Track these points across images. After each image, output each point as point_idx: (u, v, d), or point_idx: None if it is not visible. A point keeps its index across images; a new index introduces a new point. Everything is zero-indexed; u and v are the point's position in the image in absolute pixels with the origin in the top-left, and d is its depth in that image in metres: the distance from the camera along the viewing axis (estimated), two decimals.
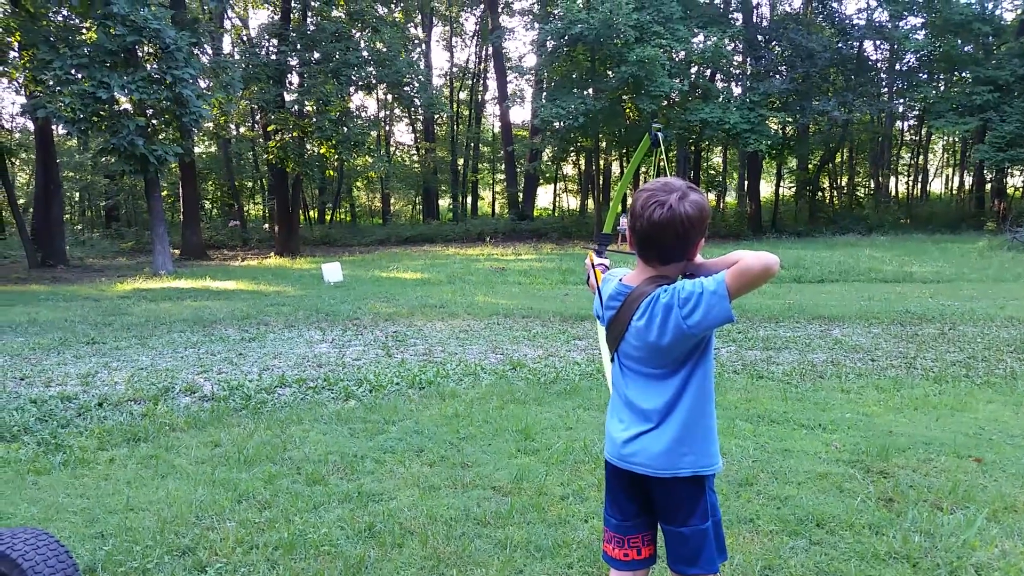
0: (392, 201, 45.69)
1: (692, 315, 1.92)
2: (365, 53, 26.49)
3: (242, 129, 34.14)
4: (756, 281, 1.86)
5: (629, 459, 2.13)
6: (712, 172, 42.68)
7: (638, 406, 2.12)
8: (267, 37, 27.06)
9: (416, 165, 42.09)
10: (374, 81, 28.04)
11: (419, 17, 37.64)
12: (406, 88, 29.35)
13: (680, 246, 2.01)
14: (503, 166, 42.03)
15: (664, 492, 2.11)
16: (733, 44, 29.85)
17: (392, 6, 32.04)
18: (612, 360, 2.21)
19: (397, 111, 41.29)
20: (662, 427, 2.08)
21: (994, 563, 3.10)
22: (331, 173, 32.62)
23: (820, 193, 37.31)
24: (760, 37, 30.87)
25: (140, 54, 18.98)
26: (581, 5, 25.92)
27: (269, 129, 26.72)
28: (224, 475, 4.23)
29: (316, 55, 25.76)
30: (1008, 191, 33.73)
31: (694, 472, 2.08)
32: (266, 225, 36.20)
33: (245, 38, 29.15)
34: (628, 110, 29.01)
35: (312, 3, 26.01)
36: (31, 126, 26.72)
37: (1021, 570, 3.04)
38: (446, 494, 3.91)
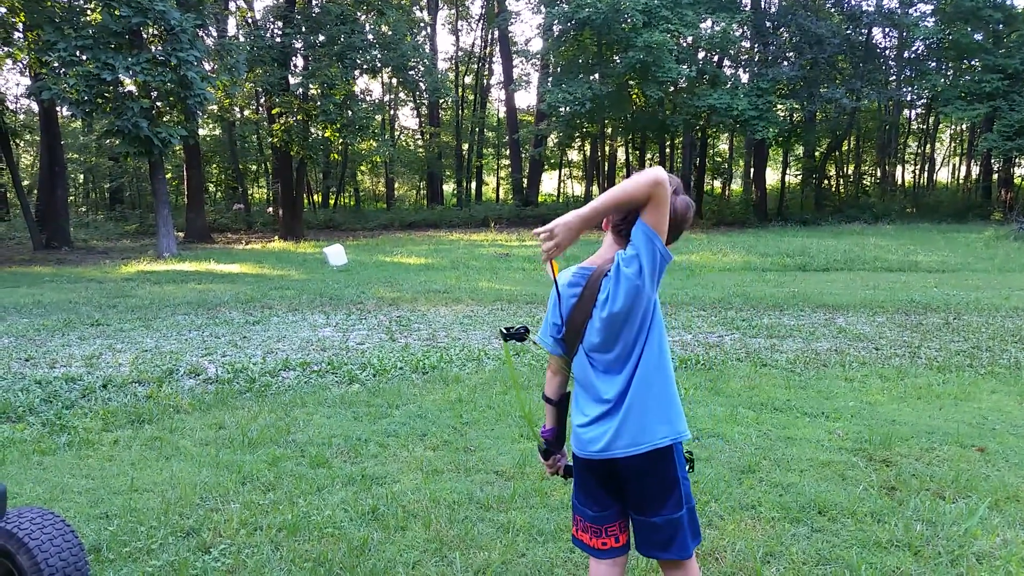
0: (396, 186, 45.58)
1: (632, 262, 1.98)
2: (370, 36, 26.33)
3: (246, 112, 34.01)
4: (649, 200, 1.89)
5: (608, 449, 2.10)
6: (718, 159, 42.50)
7: (607, 395, 2.10)
8: (272, 19, 26.89)
9: (420, 150, 41.94)
10: (379, 65, 27.87)
11: (424, 0, 37.39)
12: (411, 72, 29.18)
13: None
14: (508, 151, 41.89)
15: (638, 481, 2.12)
16: (741, 30, 29.59)
17: None
18: (575, 354, 2.17)
19: (402, 95, 41.13)
20: (634, 406, 2.07)
21: (995, 552, 3.10)
22: (335, 157, 32.52)
23: (826, 181, 37.14)
24: (768, 23, 30.61)
25: (145, 36, 18.90)
26: None
27: (273, 112, 26.61)
28: (228, 457, 4.25)
29: (321, 38, 25.62)
30: (1015, 181, 33.53)
31: (672, 440, 2.10)
32: (270, 208, 36.16)
33: (250, 20, 28.96)
34: (635, 96, 28.83)
35: None
36: (36, 107, 26.68)
37: (1022, 559, 3.04)
38: (449, 478, 3.93)
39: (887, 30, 32.90)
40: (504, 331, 2.27)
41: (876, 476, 3.91)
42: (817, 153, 35.61)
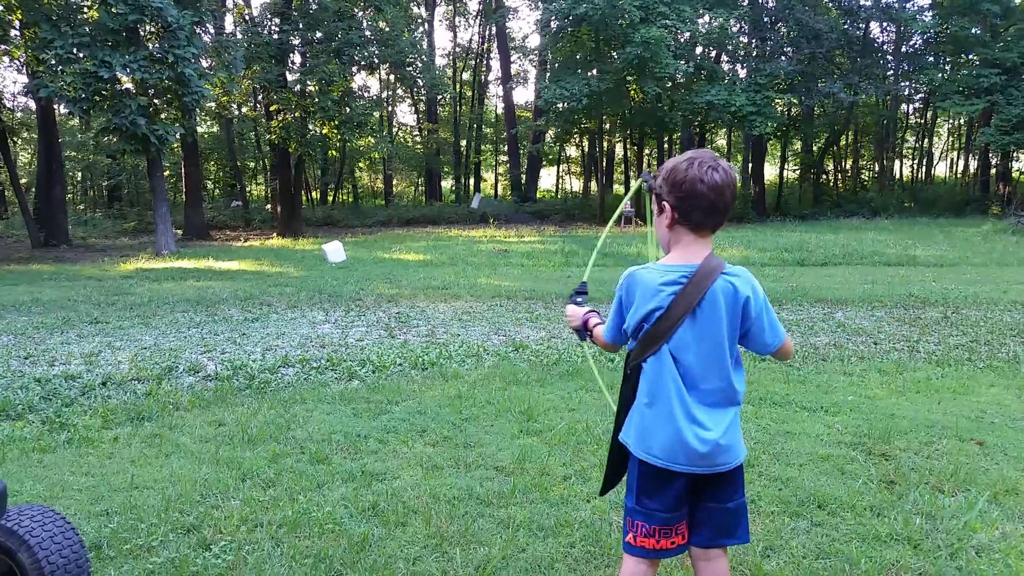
0: (395, 182, 45.53)
1: (763, 333, 2.13)
2: (368, 32, 26.28)
3: (244, 109, 33.94)
4: (783, 358, 2.27)
5: (711, 461, 2.08)
6: (717, 154, 42.42)
7: (710, 403, 2.08)
8: (269, 16, 26.83)
9: (419, 146, 41.90)
10: (376, 61, 27.82)
11: None
12: (409, 68, 29.13)
13: (731, 208, 2.09)
14: (506, 147, 41.85)
15: (723, 477, 2.14)
16: (739, 25, 29.56)
17: None
18: (650, 355, 2.09)
19: (400, 91, 41.05)
20: (734, 419, 2.12)
21: (994, 545, 3.11)
22: (333, 153, 32.47)
23: (824, 176, 37.15)
24: (766, 18, 30.57)
25: (142, 33, 18.85)
26: None
27: (271, 109, 26.57)
28: (228, 454, 4.25)
29: (318, 34, 25.56)
30: (1013, 175, 33.56)
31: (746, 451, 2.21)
32: (268, 206, 36.11)
33: (247, 17, 28.89)
34: (632, 91, 28.80)
35: None
36: (33, 105, 26.62)
37: (1021, 552, 3.05)
38: (449, 474, 3.93)
39: (885, 24, 32.89)
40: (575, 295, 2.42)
41: (875, 470, 3.92)
42: (815, 148, 35.62)
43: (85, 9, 18.60)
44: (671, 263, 2.09)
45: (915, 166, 41.00)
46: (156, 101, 19.47)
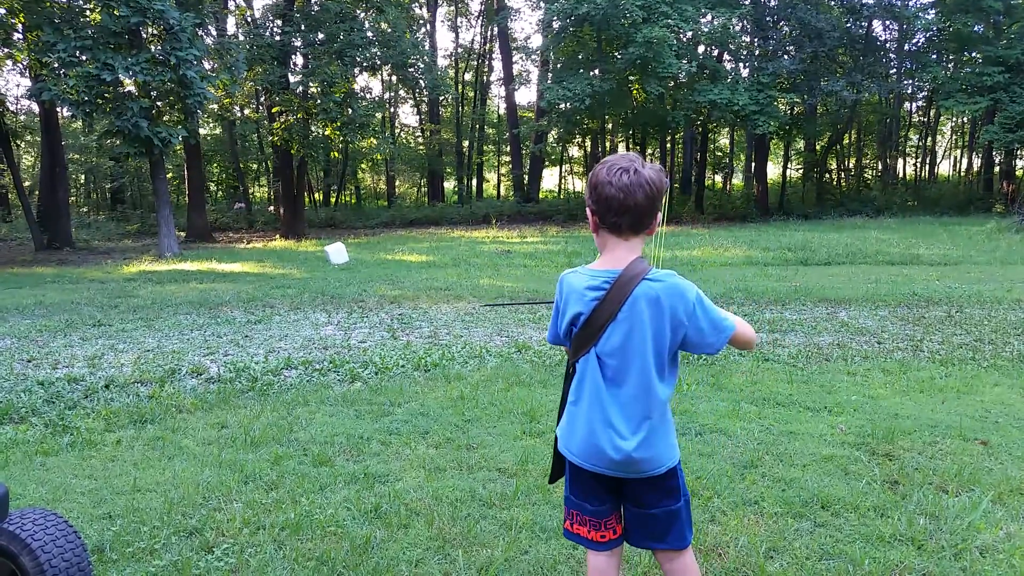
0: (397, 183, 45.53)
1: (702, 334, 2.07)
2: (369, 34, 26.32)
3: (247, 111, 33.98)
4: (744, 348, 2.25)
5: (625, 468, 2.09)
6: (719, 154, 42.43)
7: (629, 411, 2.07)
8: (271, 18, 26.87)
9: (421, 147, 41.92)
10: (379, 62, 27.87)
11: None
12: (411, 69, 29.16)
13: (650, 210, 2.03)
14: (508, 148, 41.84)
15: (643, 483, 2.14)
16: (741, 24, 29.52)
17: None
18: (581, 357, 2.11)
19: (402, 92, 41.08)
20: (655, 429, 2.08)
21: (999, 545, 3.10)
22: (336, 155, 32.49)
23: (828, 175, 37.10)
24: (768, 17, 30.53)
25: (144, 35, 18.90)
26: None
27: (274, 111, 26.60)
28: (231, 456, 4.25)
29: (320, 36, 25.60)
30: (1017, 173, 33.46)
31: (676, 462, 2.17)
32: (271, 207, 36.16)
33: (249, 19, 28.92)
34: (635, 91, 28.79)
35: None
36: (36, 108, 26.68)
37: None
38: (452, 475, 3.93)
39: (887, 22, 32.81)
40: None
41: (879, 470, 3.90)
42: (818, 147, 35.56)
43: (87, 12, 18.64)
44: (598, 268, 2.10)
45: (918, 164, 40.95)
46: (159, 103, 19.52)
